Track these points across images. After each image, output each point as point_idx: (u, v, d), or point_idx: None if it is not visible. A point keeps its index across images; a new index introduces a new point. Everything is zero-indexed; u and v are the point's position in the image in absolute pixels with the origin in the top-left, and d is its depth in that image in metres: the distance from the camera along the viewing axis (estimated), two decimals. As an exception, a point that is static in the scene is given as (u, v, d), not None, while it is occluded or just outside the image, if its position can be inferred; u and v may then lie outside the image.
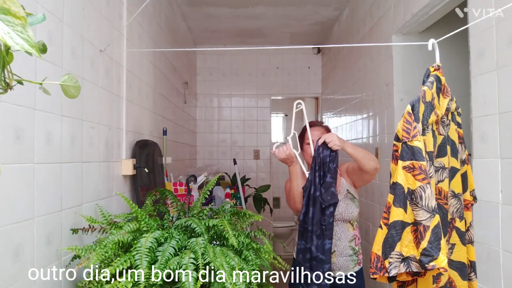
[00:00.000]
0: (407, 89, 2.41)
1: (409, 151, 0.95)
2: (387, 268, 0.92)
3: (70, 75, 0.76)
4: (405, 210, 0.93)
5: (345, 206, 1.88)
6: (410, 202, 0.93)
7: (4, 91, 0.64)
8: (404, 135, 0.97)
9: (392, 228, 0.93)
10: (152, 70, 2.58)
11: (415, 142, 0.95)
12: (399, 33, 2.42)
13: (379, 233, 0.96)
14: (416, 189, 0.93)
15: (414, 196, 0.93)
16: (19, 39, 0.52)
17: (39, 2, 1.19)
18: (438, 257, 0.88)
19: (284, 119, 6.93)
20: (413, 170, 0.94)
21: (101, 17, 1.70)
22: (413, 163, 0.94)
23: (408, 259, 0.92)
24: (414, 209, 0.92)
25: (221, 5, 3.61)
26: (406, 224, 0.93)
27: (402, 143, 0.97)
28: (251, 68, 4.90)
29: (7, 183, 1.04)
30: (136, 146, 2.08)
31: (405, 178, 0.94)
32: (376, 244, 0.96)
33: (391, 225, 0.93)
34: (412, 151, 0.95)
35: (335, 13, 3.82)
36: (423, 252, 0.89)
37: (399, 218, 0.93)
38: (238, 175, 4.07)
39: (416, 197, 0.92)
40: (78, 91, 0.76)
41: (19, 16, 0.53)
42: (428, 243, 0.89)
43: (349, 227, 1.89)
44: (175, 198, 1.63)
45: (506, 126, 1.43)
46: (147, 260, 1.15)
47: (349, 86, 3.57)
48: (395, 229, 0.93)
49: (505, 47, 1.43)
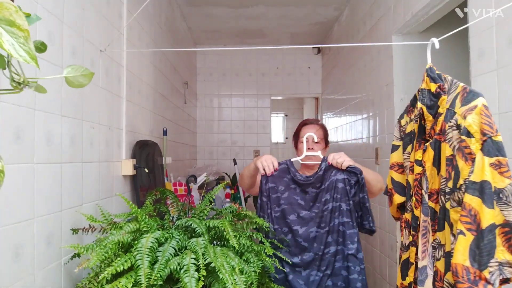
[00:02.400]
0: (407, 89, 2.41)
1: (495, 146, 0.89)
2: (489, 279, 0.83)
3: (73, 66, 0.76)
4: (494, 210, 0.87)
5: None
6: (497, 202, 0.87)
7: (20, 90, 0.65)
8: (488, 130, 0.90)
9: (489, 233, 0.85)
10: (152, 70, 2.59)
11: (499, 136, 0.90)
12: (399, 33, 2.42)
13: (461, 241, 0.87)
14: (506, 187, 0.86)
15: (503, 195, 0.86)
16: (21, 51, 0.56)
17: (39, 2, 1.19)
18: None
19: (284, 119, 6.93)
20: (499, 167, 0.88)
21: (101, 17, 1.70)
22: (499, 160, 0.88)
23: (500, 265, 0.85)
24: (505, 209, 0.86)
25: (221, 5, 3.61)
26: (496, 226, 0.86)
27: (488, 138, 0.90)
28: (251, 68, 4.90)
29: (7, 183, 1.04)
30: (136, 146, 2.08)
31: (491, 176, 0.87)
32: (461, 254, 0.87)
33: (486, 230, 0.86)
34: (498, 146, 0.89)
35: (335, 13, 3.82)
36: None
37: (492, 220, 0.86)
38: (238, 175, 4.07)
39: (507, 196, 0.86)
40: (88, 78, 0.76)
41: (23, 28, 0.56)
42: None
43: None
44: (176, 198, 1.63)
45: (506, 126, 1.43)
46: (149, 260, 1.15)
47: (349, 86, 3.57)
48: (492, 234, 0.85)
49: (505, 47, 1.43)
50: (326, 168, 1.64)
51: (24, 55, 0.56)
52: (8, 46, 0.54)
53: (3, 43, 0.54)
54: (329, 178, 1.63)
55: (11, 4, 0.54)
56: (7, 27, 0.54)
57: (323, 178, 1.64)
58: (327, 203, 1.61)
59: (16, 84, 0.64)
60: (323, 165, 1.65)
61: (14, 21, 0.55)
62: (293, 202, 1.64)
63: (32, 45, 0.56)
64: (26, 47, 0.56)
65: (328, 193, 1.61)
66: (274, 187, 1.68)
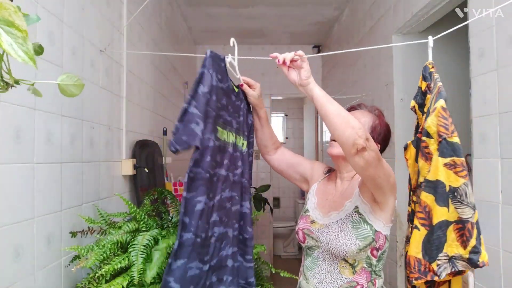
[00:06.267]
0: (407, 89, 2.41)
1: (449, 147, 0.92)
2: (436, 271, 0.89)
3: (68, 74, 0.76)
4: (447, 209, 0.91)
5: (337, 232, 1.25)
6: (452, 200, 0.91)
7: (5, 90, 0.65)
8: (443, 131, 0.94)
9: (438, 229, 0.91)
10: (152, 70, 2.59)
11: (455, 138, 0.93)
12: (399, 33, 2.42)
13: (416, 235, 0.93)
14: (460, 186, 0.90)
15: (457, 194, 0.90)
16: (20, 52, 0.56)
17: (39, 2, 1.19)
18: (482, 252, 0.87)
19: (284, 119, 6.93)
20: (455, 167, 0.91)
21: (101, 17, 1.70)
22: (454, 160, 0.91)
23: (453, 258, 0.90)
24: (459, 207, 0.90)
25: (221, 5, 3.61)
26: (449, 223, 0.91)
27: (442, 139, 0.94)
28: (251, 68, 4.89)
29: (7, 183, 1.04)
30: (136, 146, 2.08)
31: (446, 176, 0.91)
32: (414, 247, 0.93)
33: (436, 226, 0.91)
34: (453, 147, 0.92)
35: (335, 13, 3.82)
36: (473, 250, 0.87)
37: (444, 217, 0.91)
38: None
39: (461, 195, 0.90)
40: (79, 89, 0.77)
41: (22, 29, 0.57)
42: (476, 240, 0.87)
43: (343, 269, 1.25)
44: (174, 198, 1.63)
45: (506, 126, 1.43)
46: (143, 257, 1.15)
47: (349, 85, 3.57)
48: (441, 230, 0.90)
49: (505, 47, 1.43)
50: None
51: (23, 56, 0.56)
52: (7, 46, 0.54)
53: (1, 43, 0.54)
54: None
55: (10, 5, 0.54)
56: (6, 28, 0.54)
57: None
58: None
59: (4, 84, 0.64)
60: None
61: (13, 22, 0.55)
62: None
63: (31, 46, 0.56)
64: (24, 48, 0.56)
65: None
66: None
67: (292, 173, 1.54)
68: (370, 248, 1.21)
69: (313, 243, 1.32)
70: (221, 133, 1.16)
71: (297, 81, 1.15)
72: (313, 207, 1.40)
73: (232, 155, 1.24)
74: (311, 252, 1.34)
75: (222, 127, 1.16)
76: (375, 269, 1.24)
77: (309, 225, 1.35)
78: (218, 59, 1.21)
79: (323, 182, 1.48)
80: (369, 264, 1.23)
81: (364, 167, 1.05)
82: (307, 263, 1.34)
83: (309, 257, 1.34)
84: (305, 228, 1.36)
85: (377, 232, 1.22)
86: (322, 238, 1.28)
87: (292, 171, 1.54)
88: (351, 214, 1.25)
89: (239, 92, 1.35)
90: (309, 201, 1.45)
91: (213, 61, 1.14)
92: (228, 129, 1.22)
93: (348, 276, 1.23)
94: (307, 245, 1.35)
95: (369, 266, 1.23)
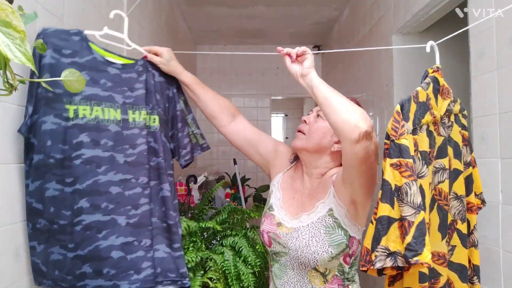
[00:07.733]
0: (407, 89, 2.41)
1: (396, 148, 0.97)
2: (373, 261, 0.94)
3: (71, 69, 0.77)
4: (392, 206, 0.95)
5: (308, 238, 1.14)
6: (397, 198, 0.95)
7: (9, 92, 0.66)
8: (392, 133, 0.99)
9: (378, 223, 0.95)
10: (152, 70, 2.58)
11: (402, 140, 0.97)
12: (399, 33, 2.42)
13: (370, 228, 0.98)
14: (402, 185, 0.94)
15: (400, 193, 0.95)
16: (18, 52, 0.56)
17: (39, 2, 1.19)
18: (422, 252, 0.90)
19: (284, 119, 6.93)
20: (399, 167, 0.95)
21: (101, 17, 1.70)
22: (400, 161, 0.95)
23: (395, 253, 0.94)
24: (400, 205, 0.94)
25: (221, 5, 3.61)
26: (393, 219, 0.95)
27: (390, 141, 0.99)
28: (251, 68, 4.90)
29: (7, 183, 1.04)
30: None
31: (392, 175, 0.96)
32: (367, 238, 0.98)
33: (377, 220, 0.95)
34: (399, 149, 0.96)
35: (335, 13, 3.82)
36: (407, 247, 0.91)
37: (385, 213, 0.95)
38: (238, 175, 4.07)
39: (402, 193, 0.94)
40: (82, 84, 0.78)
41: (19, 30, 0.56)
42: (412, 238, 0.91)
43: (313, 278, 1.17)
44: (175, 198, 1.62)
45: (506, 126, 1.43)
46: None
47: (349, 85, 3.57)
48: (381, 224, 0.95)
49: (505, 47, 1.43)
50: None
51: (20, 57, 0.56)
52: (4, 48, 0.54)
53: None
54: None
55: (7, 5, 0.54)
56: (3, 28, 0.54)
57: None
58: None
59: (9, 86, 0.64)
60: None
61: (10, 22, 0.54)
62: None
63: (29, 47, 0.56)
64: (22, 49, 0.56)
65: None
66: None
67: (253, 153, 1.38)
68: (343, 255, 1.13)
69: (280, 249, 1.19)
70: (83, 111, 1.07)
71: (298, 71, 1.13)
72: (279, 204, 1.27)
73: (120, 133, 1.13)
74: (278, 258, 1.21)
75: (84, 104, 1.08)
76: (347, 276, 1.16)
77: (275, 228, 1.21)
78: (63, 34, 1.13)
79: (289, 174, 1.33)
80: (341, 272, 1.15)
81: (363, 159, 1.01)
82: (275, 269, 1.23)
83: (276, 263, 1.22)
84: (271, 231, 1.22)
85: (351, 238, 1.14)
86: (290, 245, 1.15)
87: (253, 151, 1.38)
88: (324, 217, 1.14)
89: (135, 64, 1.26)
90: (273, 194, 1.31)
91: (50, 37, 1.08)
92: (104, 105, 1.11)
93: (319, 285, 1.15)
94: (273, 250, 1.22)
95: (341, 274, 1.15)
